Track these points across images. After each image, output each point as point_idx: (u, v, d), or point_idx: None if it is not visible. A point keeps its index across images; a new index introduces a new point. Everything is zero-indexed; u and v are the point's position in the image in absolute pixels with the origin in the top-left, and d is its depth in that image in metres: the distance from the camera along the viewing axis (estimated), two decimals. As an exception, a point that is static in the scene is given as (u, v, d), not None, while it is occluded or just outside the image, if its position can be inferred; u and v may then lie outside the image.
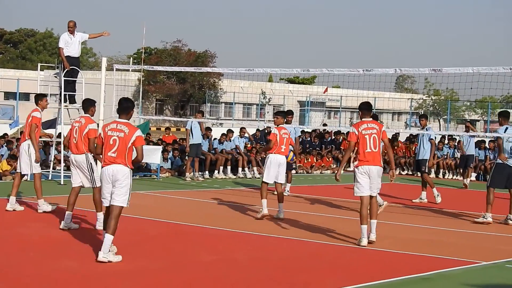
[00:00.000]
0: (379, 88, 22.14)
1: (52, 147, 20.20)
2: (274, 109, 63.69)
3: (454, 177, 25.61)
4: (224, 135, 23.87)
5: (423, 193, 17.76)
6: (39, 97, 14.13)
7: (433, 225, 13.82)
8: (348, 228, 12.60)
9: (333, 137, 28.97)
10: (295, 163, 22.09)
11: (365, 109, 11.54)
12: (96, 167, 11.89)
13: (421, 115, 18.61)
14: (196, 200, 16.47)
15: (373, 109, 13.12)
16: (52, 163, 19.57)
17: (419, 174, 18.67)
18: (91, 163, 11.79)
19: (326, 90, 51.17)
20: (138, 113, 44.36)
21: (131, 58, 66.70)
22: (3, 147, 20.63)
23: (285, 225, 12.90)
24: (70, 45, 18.40)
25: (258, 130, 28.43)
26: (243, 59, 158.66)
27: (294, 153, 16.68)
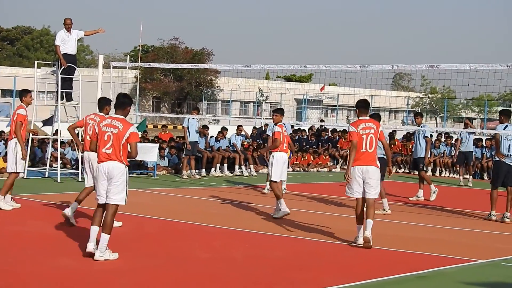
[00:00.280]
0: (376, 85, 22.13)
1: (48, 145, 20.19)
2: (271, 107, 63.68)
3: (451, 175, 25.63)
4: (220, 133, 23.87)
5: (420, 191, 17.79)
6: (23, 93, 14.02)
7: (429, 223, 13.84)
8: (345, 226, 12.61)
9: (329, 135, 28.96)
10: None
11: (362, 107, 11.22)
12: None
13: (416, 113, 18.62)
14: (192, 198, 16.47)
15: (370, 107, 13.10)
16: (48, 161, 19.55)
17: (416, 172, 18.69)
18: None
19: (323, 88, 51.20)
20: (135, 110, 44.30)
21: (128, 55, 66.50)
22: (0, 145, 20.62)
23: (282, 223, 12.90)
24: (67, 43, 18.39)
25: (255, 128, 28.41)
26: (240, 58, 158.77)
27: (291, 151, 16.71)
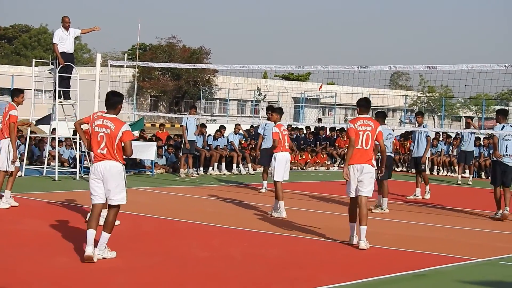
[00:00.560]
0: (373, 85, 22.20)
1: (46, 143, 20.18)
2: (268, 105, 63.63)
3: (448, 173, 25.65)
4: (218, 131, 23.89)
5: (418, 190, 17.82)
6: (16, 93, 13.91)
7: (427, 222, 13.84)
8: (342, 224, 12.61)
9: (327, 134, 28.96)
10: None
11: (363, 105, 11.06)
12: None
13: (417, 113, 18.64)
14: (190, 196, 16.46)
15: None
16: (46, 159, 19.54)
17: (414, 171, 18.70)
18: None
19: (321, 87, 51.21)
20: (132, 109, 44.32)
21: (126, 54, 66.52)
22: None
23: (280, 222, 12.91)
24: (64, 41, 18.37)
25: (252, 126, 28.42)
26: (238, 56, 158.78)
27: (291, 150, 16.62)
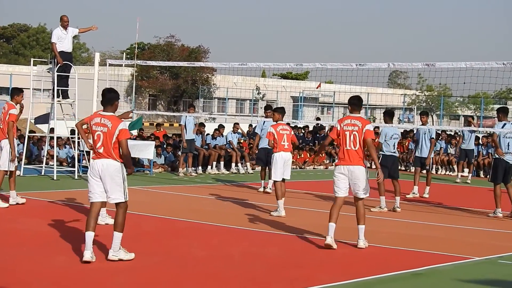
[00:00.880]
0: (372, 83, 22.17)
1: (45, 143, 20.17)
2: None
3: (447, 172, 25.66)
4: (216, 131, 23.91)
5: (415, 188, 17.88)
6: (16, 92, 13.95)
7: (425, 221, 13.85)
8: (341, 223, 12.60)
9: (326, 133, 28.97)
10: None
11: (354, 104, 10.80)
12: None
13: (422, 112, 18.68)
14: (189, 195, 16.46)
15: (365, 104, 13.02)
16: (45, 159, 19.53)
17: (413, 169, 18.74)
18: None
19: (319, 85, 51.23)
20: (131, 108, 44.29)
21: (124, 53, 66.56)
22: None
23: (279, 221, 12.91)
24: (63, 40, 18.37)
25: (251, 125, 28.43)
26: (236, 55, 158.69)
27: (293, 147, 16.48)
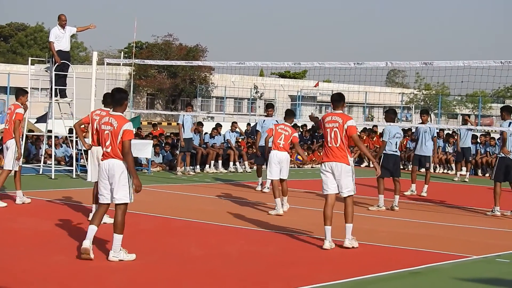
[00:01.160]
0: (370, 82, 22.16)
1: (43, 142, 20.16)
2: (265, 103, 63.59)
3: (445, 171, 25.67)
4: (214, 129, 23.91)
5: (413, 186, 17.93)
6: (21, 93, 14.02)
7: (424, 219, 13.85)
8: (339, 222, 12.60)
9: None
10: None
11: (335, 100, 10.72)
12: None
13: (422, 111, 18.71)
14: (187, 194, 16.47)
15: (362, 103, 13.02)
16: (43, 158, 19.52)
17: (410, 168, 18.78)
18: None
19: (317, 84, 51.24)
20: (129, 107, 44.25)
21: (122, 52, 66.53)
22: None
23: (277, 220, 12.92)
24: (61, 39, 18.35)
25: (249, 124, 28.42)
26: (234, 54, 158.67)
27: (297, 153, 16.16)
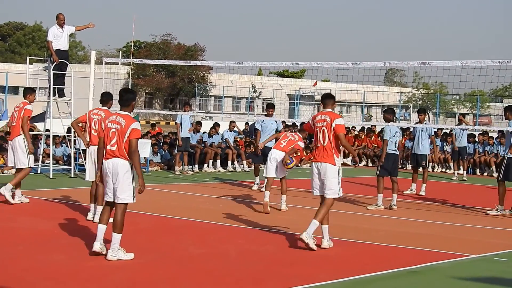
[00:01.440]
0: (368, 81, 22.17)
1: (41, 141, 20.15)
2: (263, 102, 63.64)
3: (443, 170, 25.70)
4: (212, 129, 23.92)
5: (413, 185, 17.95)
6: (28, 91, 14.18)
7: (422, 218, 13.87)
8: (337, 221, 12.64)
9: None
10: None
11: (325, 98, 10.70)
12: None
13: (420, 110, 18.76)
14: (185, 193, 16.48)
15: (360, 102, 13.04)
16: (41, 157, 19.51)
17: (410, 167, 18.82)
18: None
19: (315, 83, 51.22)
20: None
21: (121, 51, 66.44)
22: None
23: (274, 219, 12.93)
24: (59, 39, 18.35)
25: (247, 123, 28.41)
26: (232, 53, 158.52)
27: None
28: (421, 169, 18.07)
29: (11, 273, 8.25)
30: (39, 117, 20.35)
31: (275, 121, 17.16)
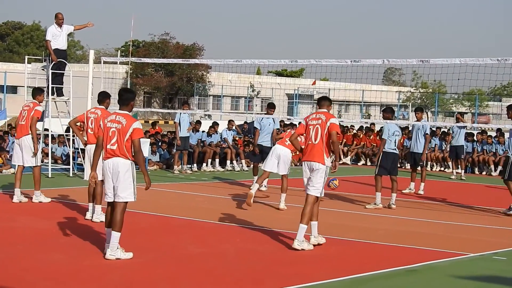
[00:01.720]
0: (367, 80, 22.20)
1: (39, 140, 20.10)
2: (262, 101, 63.66)
3: (441, 169, 25.70)
4: (211, 128, 23.89)
5: (412, 184, 17.96)
6: (37, 92, 14.28)
7: (420, 217, 13.88)
8: (335, 220, 12.65)
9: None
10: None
11: (321, 99, 10.77)
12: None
13: (417, 108, 18.78)
14: (184, 193, 16.47)
15: (359, 101, 13.04)
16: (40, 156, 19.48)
17: (409, 166, 18.83)
18: None
19: (314, 82, 51.20)
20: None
21: (119, 51, 66.38)
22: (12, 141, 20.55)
23: (273, 218, 12.93)
24: (57, 38, 18.32)
25: (246, 122, 28.40)
26: (231, 52, 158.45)
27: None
28: (419, 168, 18.08)
29: (11, 272, 8.25)
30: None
31: (272, 119, 17.15)
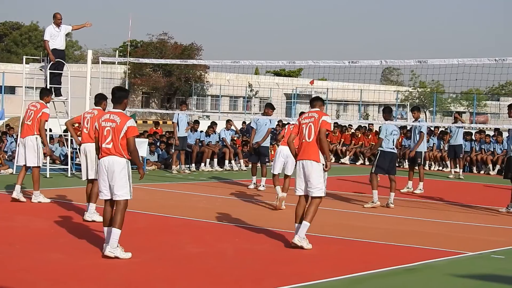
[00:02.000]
0: (365, 80, 22.20)
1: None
2: (260, 101, 63.67)
3: (439, 168, 25.70)
4: (210, 128, 23.89)
5: (410, 183, 18.01)
6: (45, 93, 14.36)
7: (419, 216, 13.89)
8: (334, 220, 12.66)
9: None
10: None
11: (313, 99, 10.70)
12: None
13: (414, 107, 18.80)
14: (182, 192, 16.47)
15: (357, 101, 13.05)
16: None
17: (407, 165, 18.85)
18: None
19: (312, 81, 51.28)
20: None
21: (117, 51, 66.38)
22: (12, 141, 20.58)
23: (272, 217, 12.93)
24: (56, 38, 18.31)
25: (244, 123, 28.39)
26: (229, 52, 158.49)
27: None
28: (417, 167, 18.10)
29: (9, 272, 8.24)
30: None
31: (269, 120, 17.19)
